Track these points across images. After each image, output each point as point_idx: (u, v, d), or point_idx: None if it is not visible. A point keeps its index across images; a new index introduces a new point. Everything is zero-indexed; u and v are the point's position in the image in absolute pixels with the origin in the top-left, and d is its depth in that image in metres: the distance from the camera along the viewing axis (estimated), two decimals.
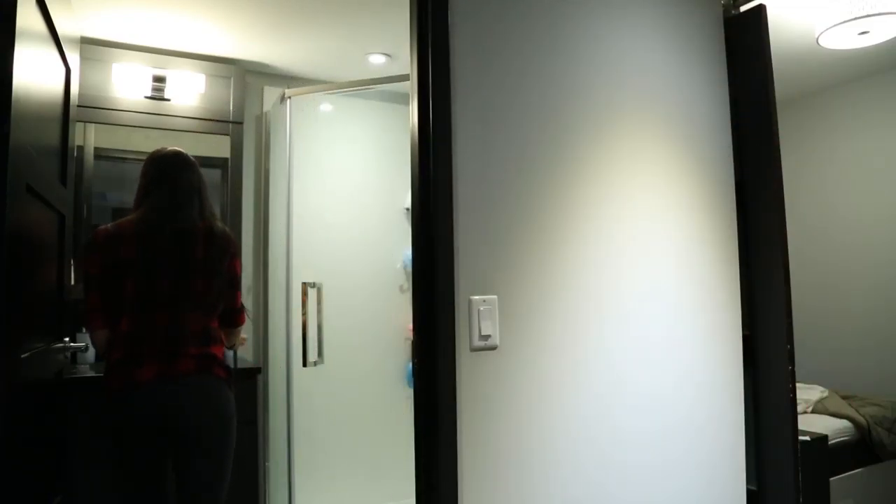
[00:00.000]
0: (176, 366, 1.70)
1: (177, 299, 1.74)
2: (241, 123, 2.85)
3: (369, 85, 2.85)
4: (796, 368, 1.71)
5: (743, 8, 1.85)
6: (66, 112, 1.73)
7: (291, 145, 2.84)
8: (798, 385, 1.82)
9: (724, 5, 1.87)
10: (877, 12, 2.12)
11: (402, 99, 3.23)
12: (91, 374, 2.23)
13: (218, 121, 2.80)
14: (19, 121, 1.13)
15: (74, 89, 1.84)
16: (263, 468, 2.75)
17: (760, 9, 1.79)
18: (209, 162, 2.84)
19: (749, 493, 1.73)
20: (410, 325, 1.42)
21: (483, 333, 1.34)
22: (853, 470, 2.54)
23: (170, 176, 1.84)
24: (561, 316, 1.46)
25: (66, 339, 1.77)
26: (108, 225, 1.77)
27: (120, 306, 1.71)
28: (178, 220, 1.80)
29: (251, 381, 2.41)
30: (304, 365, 2.66)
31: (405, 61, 1.48)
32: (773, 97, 1.77)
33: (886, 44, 2.57)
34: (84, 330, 2.41)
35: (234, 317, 1.95)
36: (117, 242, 1.72)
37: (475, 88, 1.39)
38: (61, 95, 1.68)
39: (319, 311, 2.71)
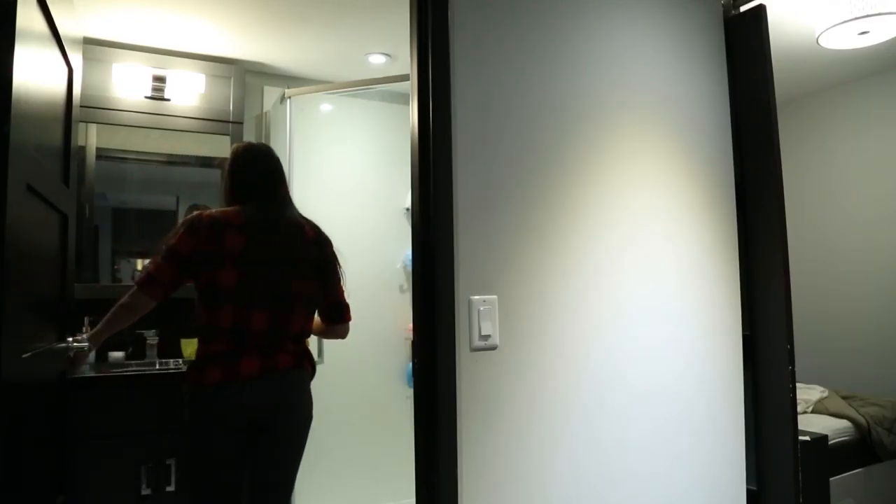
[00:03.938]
0: (276, 361, 1.72)
1: (281, 298, 1.74)
2: (241, 123, 2.85)
3: (369, 85, 2.86)
4: (796, 368, 1.71)
5: (743, 8, 1.85)
6: (69, 112, 1.73)
7: (291, 145, 2.84)
8: (798, 385, 1.82)
9: (724, 5, 1.87)
10: (877, 12, 2.12)
11: (402, 99, 3.23)
12: (91, 374, 2.23)
13: (218, 121, 2.80)
14: (20, 121, 1.13)
15: (77, 89, 1.83)
16: None
17: (760, 9, 1.79)
18: (209, 162, 2.84)
19: (749, 493, 1.73)
20: (410, 325, 1.42)
21: (483, 333, 1.34)
22: (853, 470, 2.54)
23: (268, 171, 1.88)
24: (561, 316, 1.46)
25: (70, 338, 1.76)
26: (213, 210, 1.76)
27: (214, 295, 1.68)
28: (286, 218, 1.83)
29: None
30: None
31: (405, 61, 1.48)
32: (773, 97, 1.77)
33: (886, 44, 2.57)
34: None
35: (341, 312, 1.94)
36: (222, 230, 1.70)
37: (475, 88, 1.39)
38: (63, 95, 1.68)
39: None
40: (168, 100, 2.70)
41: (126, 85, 2.63)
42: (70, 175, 1.74)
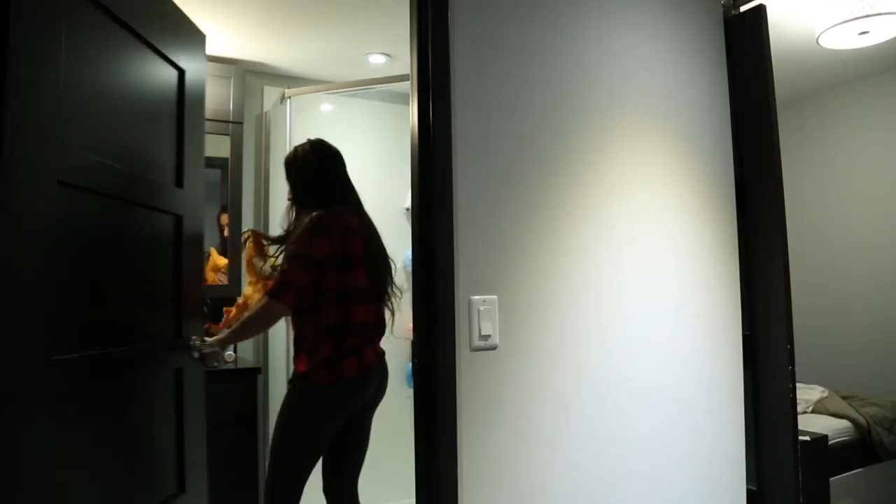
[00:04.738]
0: (379, 349, 1.96)
1: (382, 293, 1.97)
2: (241, 123, 2.85)
3: (369, 85, 2.86)
4: (796, 368, 1.71)
5: (743, 8, 1.85)
6: (181, 114, 1.68)
7: (291, 145, 2.84)
8: (798, 385, 1.82)
9: (724, 5, 1.87)
10: (877, 12, 2.12)
11: (402, 99, 3.22)
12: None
13: (218, 121, 2.79)
14: (58, 118, 1.16)
15: (194, 92, 1.77)
16: (263, 468, 2.75)
17: (760, 9, 1.79)
18: (209, 162, 2.83)
19: (749, 493, 1.73)
20: (410, 325, 1.42)
21: (483, 333, 1.34)
22: (853, 470, 2.54)
23: (345, 170, 2.03)
24: (561, 316, 1.46)
25: (195, 337, 1.71)
26: (332, 213, 1.85)
27: (347, 295, 1.82)
28: (370, 219, 2.00)
29: (251, 381, 2.41)
30: None
31: (405, 61, 1.48)
32: (773, 97, 1.77)
33: (886, 44, 2.57)
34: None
35: None
36: (349, 234, 1.85)
37: (475, 88, 1.39)
38: (172, 97, 1.65)
39: None
40: None
41: None
42: (185, 176, 1.69)
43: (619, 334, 1.55)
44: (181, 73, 1.70)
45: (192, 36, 1.81)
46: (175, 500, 1.60)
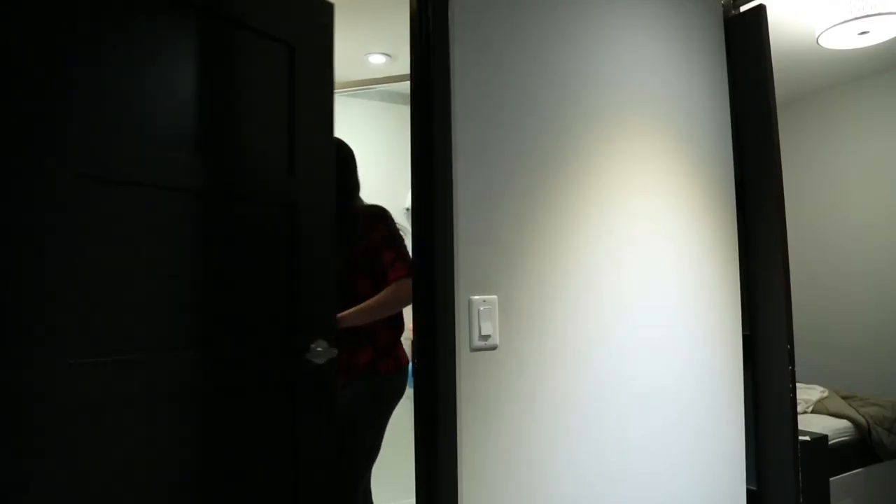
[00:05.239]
0: None
1: None
2: None
3: (369, 85, 2.86)
4: (796, 368, 1.71)
5: (743, 8, 1.85)
6: (292, 94, 1.54)
7: None
8: (798, 385, 1.82)
9: (724, 5, 1.87)
10: (877, 12, 2.12)
11: (402, 99, 3.22)
12: None
13: None
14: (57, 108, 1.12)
15: (311, 69, 1.60)
16: None
17: (760, 9, 1.79)
18: None
19: (749, 493, 1.73)
20: (410, 325, 1.42)
21: (483, 333, 1.34)
22: (853, 470, 2.54)
23: None
24: (561, 316, 1.46)
25: (317, 342, 1.53)
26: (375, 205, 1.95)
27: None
28: None
29: None
30: None
31: (405, 61, 1.48)
32: (773, 97, 1.77)
33: (886, 44, 2.57)
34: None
35: None
36: None
37: (475, 88, 1.39)
38: (279, 77, 1.52)
39: None
40: None
41: None
42: (298, 163, 1.54)
43: (619, 334, 1.55)
44: (291, 49, 1.54)
45: (308, 10, 1.64)
46: None
